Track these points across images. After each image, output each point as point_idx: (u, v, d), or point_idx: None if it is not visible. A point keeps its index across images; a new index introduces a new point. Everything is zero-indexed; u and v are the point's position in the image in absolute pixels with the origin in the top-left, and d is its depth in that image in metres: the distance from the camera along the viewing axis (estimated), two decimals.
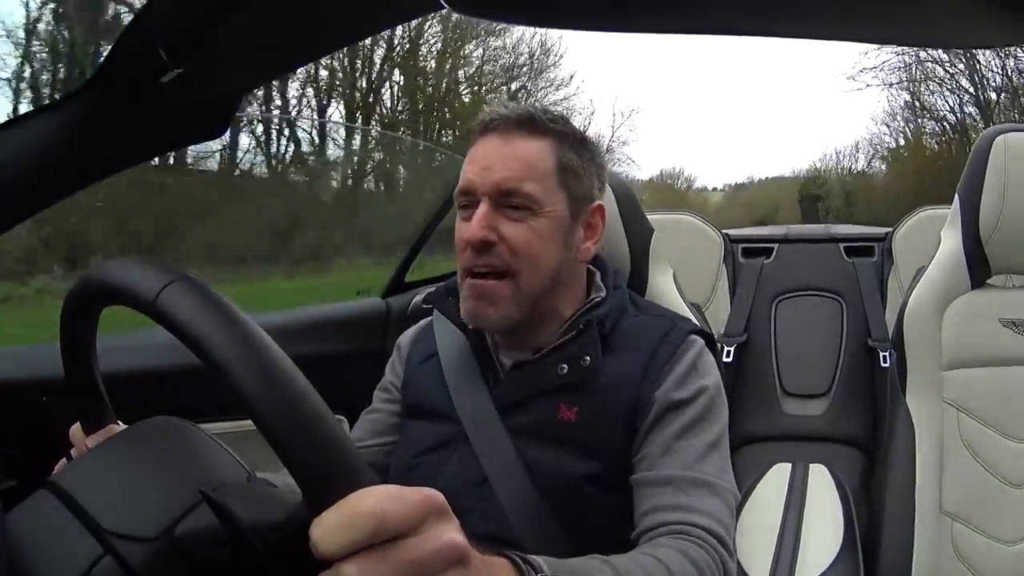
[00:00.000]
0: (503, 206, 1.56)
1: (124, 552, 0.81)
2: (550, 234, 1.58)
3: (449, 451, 1.62)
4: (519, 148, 1.58)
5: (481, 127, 1.63)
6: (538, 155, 1.58)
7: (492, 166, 1.56)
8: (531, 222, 1.56)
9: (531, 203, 1.56)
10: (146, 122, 1.33)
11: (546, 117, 1.61)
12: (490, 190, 1.55)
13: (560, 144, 1.61)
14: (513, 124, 1.60)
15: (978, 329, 2.05)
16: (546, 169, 1.58)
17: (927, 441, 2.02)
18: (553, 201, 1.58)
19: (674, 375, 1.57)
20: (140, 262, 0.88)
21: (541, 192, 1.56)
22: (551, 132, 1.60)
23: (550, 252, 1.59)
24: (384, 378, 1.88)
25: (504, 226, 1.55)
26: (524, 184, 1.55)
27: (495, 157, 1.57)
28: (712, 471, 1.49)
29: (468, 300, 1.59)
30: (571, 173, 1.61)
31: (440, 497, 0.77)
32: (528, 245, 1.56)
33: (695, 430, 1.53)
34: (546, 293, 1.60)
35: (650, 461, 1.51)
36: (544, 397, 1.58)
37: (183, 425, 1.00)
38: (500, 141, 1.59)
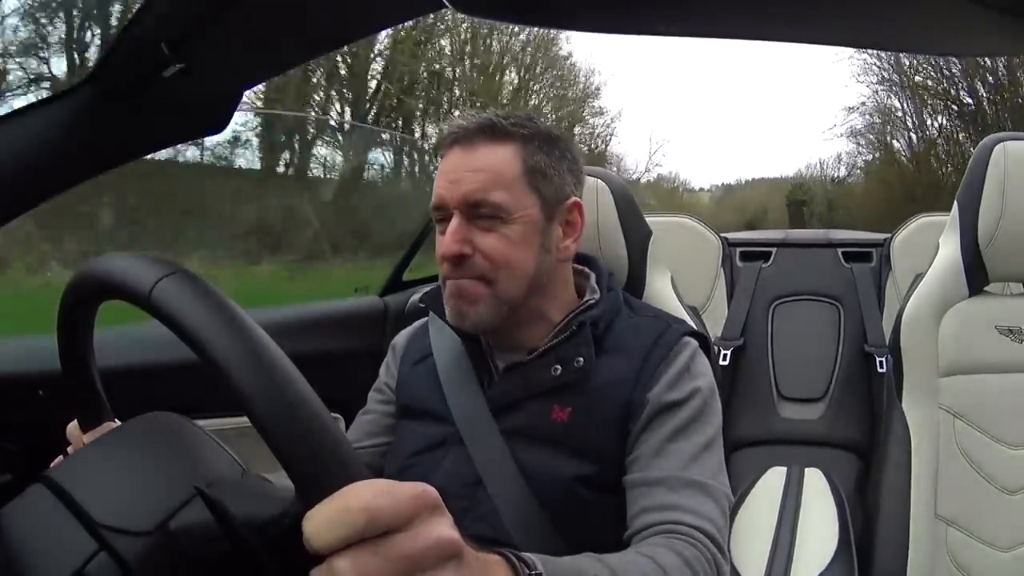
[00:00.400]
0: (474, 217, 1.56)
1: (118, 546, 0.81)
2: (524, 239, 1.58)
3: (443, 452, 1.62)
4: (483, 157, 1.58)
5: (447, 140, 1.63)
6: (503, 162, 1.58)
7: (459, 179, 1.57)
8: (503, 230, 1.56)
9: (500, 211, 1.56)
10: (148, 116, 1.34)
11: (508, 122, 1.60)
12: (459, 203, 1.56)
13: (526, 147, 1.60)
14: (475, 133, 1.60)
15: (975, 336, 2.05)
16: (512, 174, 1.58)
17: (923, 447, 2.03)
18: (523, 206, 1.58)
19: (667, 376, 1.57)
20: (136, 256, 0.88)
21: (509, 199, 1.56)
22: (515, 136, 1.60)
23: (526, 257, 1.59)
24: (379, 379, 1.88)
25: (477, 237, 1.56)
26: (491, 194, 1.55)
27: (461, 169, 1.58)
28: (705, 472, 1.49)
29: (449, 300, 1.60)
30: (539, 175, 1.61)
31: (433, 492, 0.76)
32: (502, 253, 1.56)
33: (688, 431, 1.53)
34: (527, 297, 1.61)
35: (643, 462, 1.51)
36: (537, 398, 1.58)
37: (178, 421, 1.00)
38: (464, 152, 1.59)
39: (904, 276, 3.55)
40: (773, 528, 2.05)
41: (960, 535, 1.98)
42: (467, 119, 1.62)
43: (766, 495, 2.28)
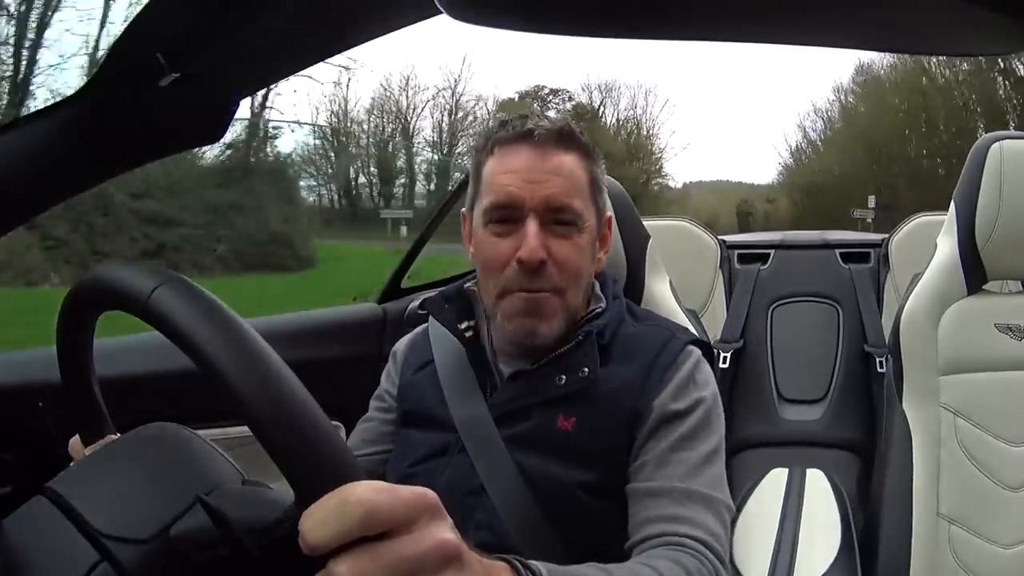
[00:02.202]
0: (550, 222, 1.55)
1: (119, 555, 0.81)
2: (588, 249, 1.60)
3: (446, 459, 1.61)
4: (560, 162, 1.57)
5: (516, 136, 1.59)
6: (577, 170, 1.59)
7: (539, 180, 1.54)
8: (576, 238, 1.57)
9: (578, 219, 1.56)
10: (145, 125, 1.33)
11: (576, 130, 1.61)
12: (538, 205, 1.54)
13: (587, 158, 1.62)
14: (553, 136, 1.57)
15: (974, 334, 2.05)
16: (584, 184, 1.59)
17: (924, 446, 2.03)
18: (589, 216, 1.60)
19: (672, 386, 1.57)
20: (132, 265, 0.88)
21: (584, 208, 1.57)
22: (581, 146, 1.61)
23: (587, 267, 1.61)
24: (380, 386, 1.87)
25: (553, 244, 1.55)
26: (573, 200, 1.55)
27: (539, 170, 1.55)
28: (707, 483, 1.49)
29: (518, 317, 1.58)
30: (598, 187, 1.63)
31: (433, 496, 0.75)
32: (574, 263, 1.57)
33: (691, 442, 1.53)
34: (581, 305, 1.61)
35: (646, 472, 1.51)
36: (542, 407, 1.58)
37: (178, 430, 1.00)
38: (538, 153, 1.56)
39: (902, 276, 3.55)
40: (775, 529, 2.04)
41: (962, 533, 1.98)
42: (544, 119, 1.59)
43: (768, 497, 2.27)
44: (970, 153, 2.12)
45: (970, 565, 1.96)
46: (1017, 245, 2.04)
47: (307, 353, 2.62)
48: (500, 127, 1.63)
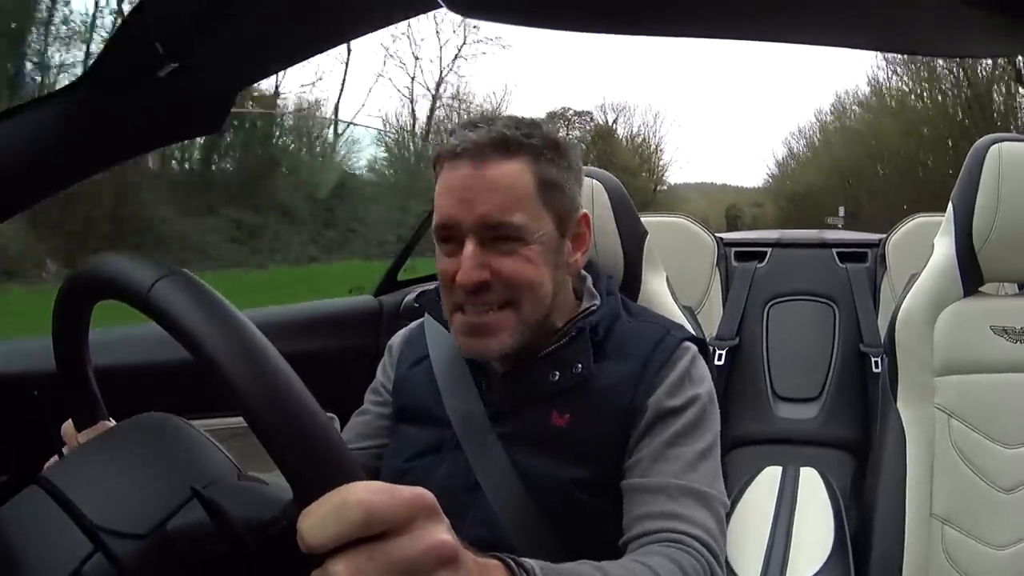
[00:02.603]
0: (491, 240, 1.50)
1: (115, 548, 0.81)
2: (543, 259, 1.54)
3: (440, 456, 1.61)
4: (497, 175, 1.50)
5: (451, 153, 1.53)
6: (518, 179, 1.51)
7: (472, 199, 1.49)
8: (523, 251, 1.51)
9: (520, 233, 1.50)
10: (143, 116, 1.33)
11: (520, 132, 1.52)
12: (475, 225, 1.49)
13: (537, 160, 1.53)
14: (486, 147, 1.50)
15: (970, 336, 2.06)
16: (528, 193, 1.51)
17: (918, 446, 2.03)
18: (541, 225, 1.53)
19: (667, 383, 1.57)
20: (133, 257, 0.88)
21: (528, 219, 1.50)
22: (526, 149, 1.52)
23: (546, 277, 1.55)
24: (375, 380, 1.87)
25: (495, 261, 1.50)
26: (510, 215, 1.49)
27: (473, 188, 1.49)
28: (702, 480, 1.49)
29: (464, 336, 1.55)
30: (553, 190, 1.55)
31: (430, 496, 0.75)
32: (524, 277, 1.51)
33: (687, 438, 1.52)
34: (546, 314, 1.58)
35: (641, 468, 1.50)
36: (536, 403, 1.58)
37: (174, 421, 1.00)
38: (474, 168, 1.50)
39: (899, 276, 3.55)
40: (769, 527, 2.05)
41: (956, 534, 1.98)
42: (475, 131, 1.52)
43: (762, 494, 2.27)
44: (969, 154, 2.12)
45: (963, 566, 1.97)
46: (1014, 247, 2.04)
47: (303, 345, 2.62)
48: (448, 137, 1.57)
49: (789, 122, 60.63)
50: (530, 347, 1.60)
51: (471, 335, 1.54)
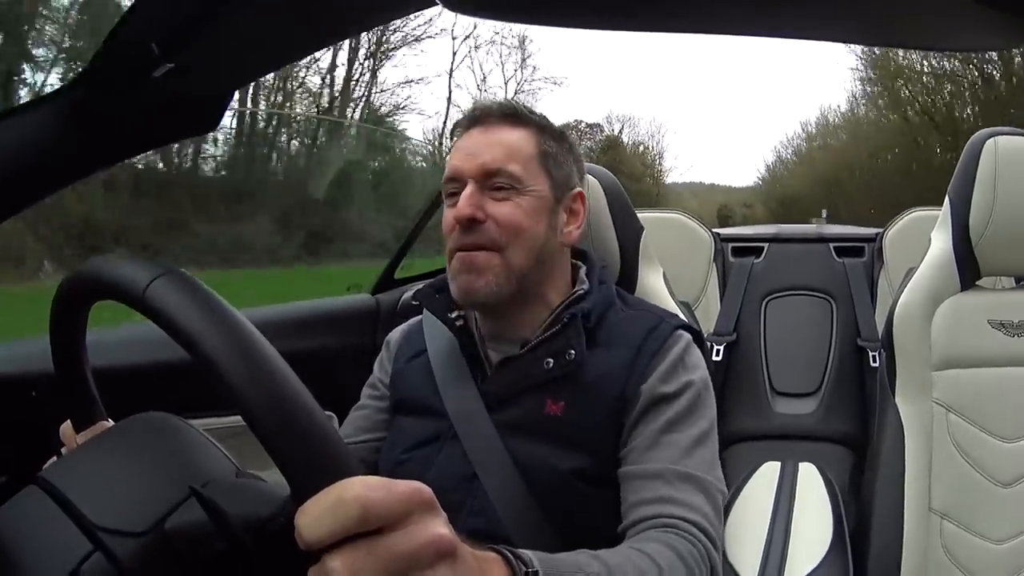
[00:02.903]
0: (488, 187, 1.60)
1: (113, 547, 0.81)
2: (535, 211, 1.62)
3: (438, 447, 1.62)
4: (502, 135, 1.64)
5: (467, 121, 1.69)
6: (519, 141, 1.64)
7: (477, 152, 1.62)
8: (516, 199, 1.60)
9: (515, 182, 1.60)
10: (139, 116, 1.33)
11: (527, 109, 1.68)
12: (475, 172, 1.60)
13: (540, 134, 1.67)
14: (496, 116, 1.66)
15: (967, 330, 2.06)
16: (528, 153, 1.64)
17: (916, 440, 2.03)
18: (535, 182, 1.63)
19: (660, 369, 1.58)
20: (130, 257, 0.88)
21: (523, 172, 1.61)
22: (531, 123, 1.67)
23: (536, 228, 1.62)
24: (373, 375, 1.88)
25: (490, 205, 1.59)
26: (508, 165, 1.60)
27: (479, 145, 1.63)
28: (699, 465, 1.49)
29: (458, 276, 1.61)
30: (551, 159, 1.66)
31: (428, 491, 0.76)
32: (514, 220, 1.59)
33: (681, 424, 1.53)
34: (533, 271, 1.62)
35: (637, 455, 1.51)
36: (531, 392, 1.59)
37: (172, 420, 1.00)
38: (482, 131, 1.65)
39: (896, 270, 3.55)
40: (768, 523, 2.05)
41: (954, 528, 1.98)
42: (491, 102, 1.68)
43: (760, 490, 2.28)
44: (965, 149, 2.12)
45: (961, 560, 1.97)
46: (1011, 242, 2.05)
47: (300, 343, 2.62)
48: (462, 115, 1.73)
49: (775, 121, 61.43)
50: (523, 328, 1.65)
51: (462, 272, 1.61)
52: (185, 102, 1.36)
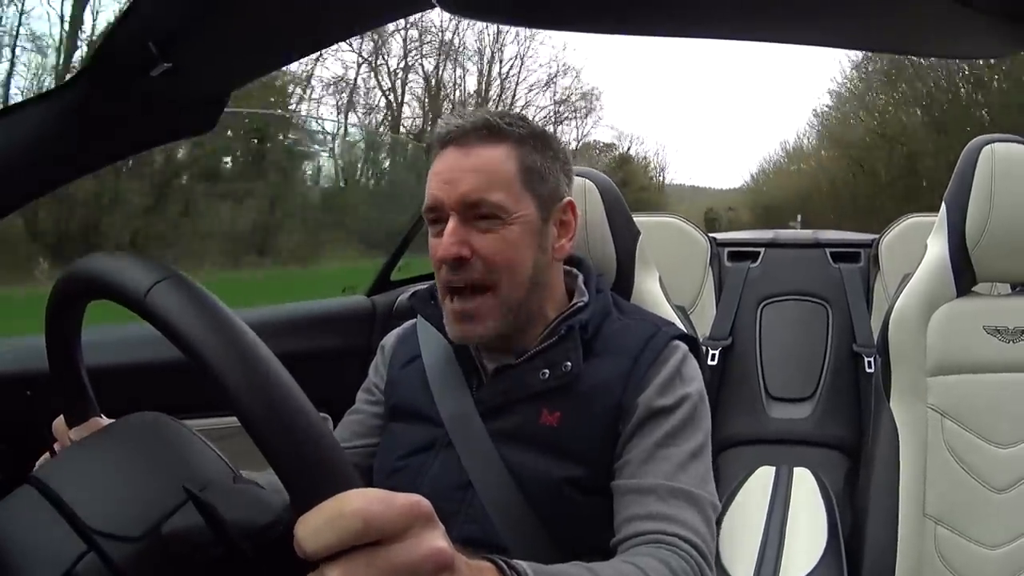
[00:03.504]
0: (472, 218, 1.55)
1: (109, 551, 0.81)
2: (523, 240, 1.58)
3: (432, 454, 1.61)
4: (480, 157, 1.57)
5: (440, 140, 1.61)
6: (500, 162, 1.57)
7: (455, 179, 1.55)
8: (502, 231, 1.55)
9: (499, 212, 1.55)
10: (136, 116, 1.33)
11: (504, 121, 1.59)
12: (456, 204, 1.54)
13: (521, 147, 1.60)
14: (471, 133, 1.58)
15: (963, 336, 2.06)
16: (509, 175, 1.57)
17: (911, 446, 2.03)
18: (521, 207, 1.57)
19: (657, 381, 1.57)
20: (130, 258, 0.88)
21: (508, 199, 1.55)
22: (510, 136, 1.59)
23: (525, 258, 1.58)
24: (368, 379, 1.87)
25: (476, 239, 1.54)
26: (490, 194, 1.54)
27: (457, 170, 1.56)
28: (693, 481, 1.49)
29: (452, 324, 1.59)
30: (535, 175, 1.60)
31: (427, 504, 0.76)
32: (502, 255, 1.55)
33: (677, 438, 1.53)
34: (528, 297, 1.60)
35: (632, 468, 1.51)
36: (526, 402, 1.58)
37: (168, 421, 0.99)
38: (460, 152, 1.57)
39: (892, 276, 3.56)
40: (762, 527, 2.05)
41: (948, 534, 1.98)
42: (462, 118, 1.59)
43: (755, 495, 2.28)
44: (962, 155, 2.12)
45: (956, 566, 1.97)
46: (1007, 248, 2.05)
47: (296, 345, 2.61)
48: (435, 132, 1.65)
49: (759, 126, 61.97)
50: (521, 341, 1.63)
51: (459, 321, 1.58)
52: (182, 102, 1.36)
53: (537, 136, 1.63)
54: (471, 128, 1.57)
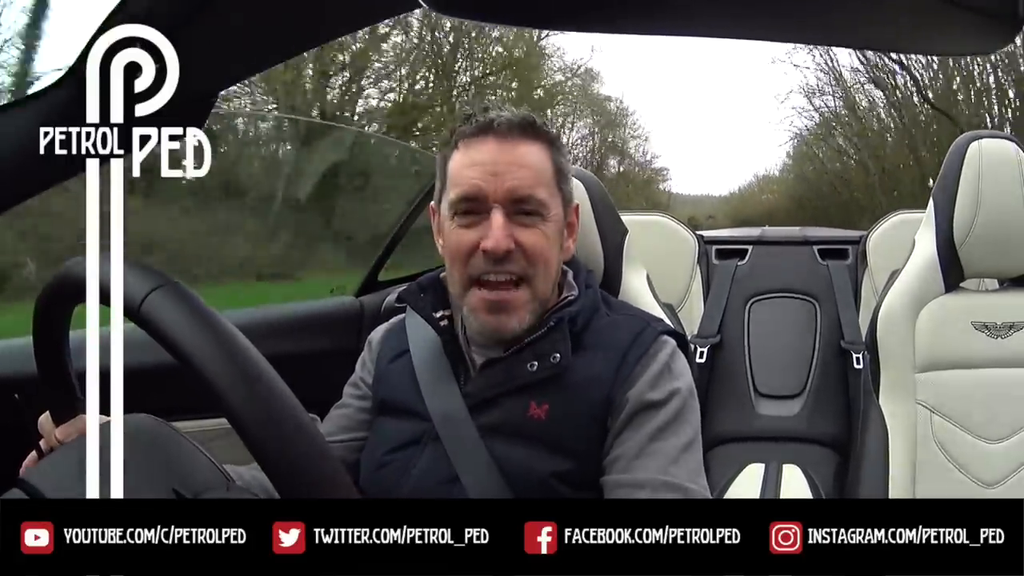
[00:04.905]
0: (515, 212, 1.57)
1: None
2: (555, 238, 1.61)
3: (420, 449, 1.61)
4: (524, 153, 1.59)
5: (478, 129, 1.61)
6: (541, 160, 1.60)
7: (501, 172, 1.56)
8: (542, 227, 1.58)
9: (542, 209, 1.58)
10: None
11: (541, 121, 1.63)
12: (503, 197, 1.56)
13: (552, 147, 1.63)
14: (516, 128, 1.59)
15: (951, 332, 2.07)
16: (549, 174, 1.61)
17: (900, 442, 2.04)
18: (555, 205, 1.61)
19: (647, 376, 1.57)
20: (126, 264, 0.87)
21: (548, 197, 1.59)
22: (545, 136, 1.62)
23: (555, 256, 1.62)
24: (355, 373, 1.87)
25: (520, 233, 1.56)
26: (537, 190, 1.57)
27: (502, 162, 1.57)
28: (685, 475, 1.50)
29: (484, 313, 1.59)
30: (563, 176, 1.64)
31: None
32: (542, 251, 1.58)
33: (668, 433, 1.53)
34: (549, 296, 1.63)
35: (624, 463, 1.51)
36: (514, 394, 1.58)
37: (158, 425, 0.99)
38: (501, 145, 1.58)
39: (880, 273, 3.55)
40: None
41: None
42: (504, 110, 1.61)
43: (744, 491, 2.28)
44: (949, 152, 2.13)
45: None
46: (995, 244, 2.05)
47: (283, 345, 2.61)
48: (464, 122, 1.64)
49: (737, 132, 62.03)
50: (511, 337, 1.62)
51: (492, 312, 1.59)
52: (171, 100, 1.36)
53: (557, 139, 1.66)
54: (517, 122, 1.59)
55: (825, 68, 29.64)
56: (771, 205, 41.95)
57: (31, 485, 0.88)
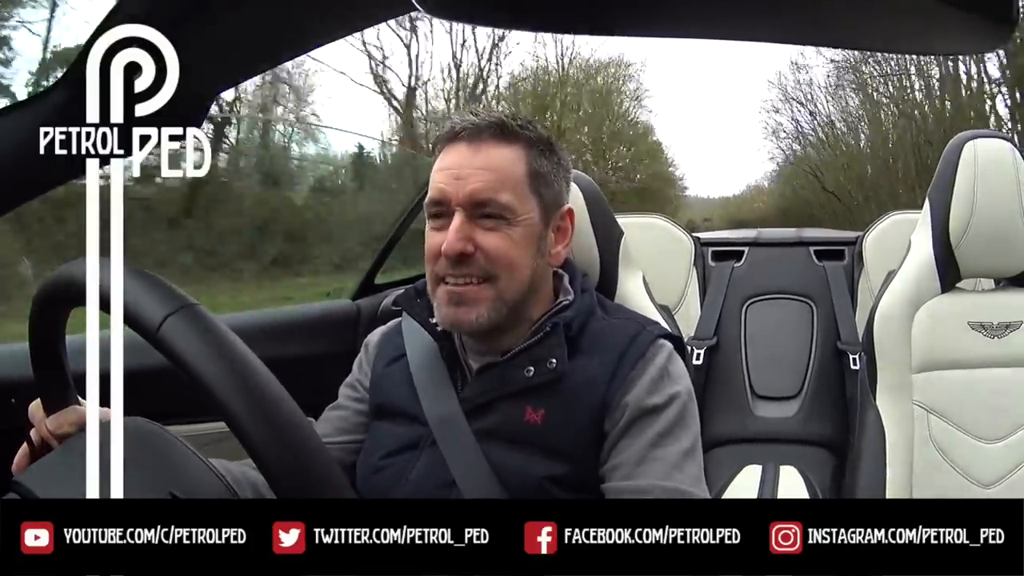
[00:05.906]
0: (477, 216, 1.56)
1: None
2: (525, 241, 1.59)
3: (416, 453, 1.61)
4: (491, 156, 1.58)
5: (449, 135, 1.61)
6: (510, 163, 1.59)
7: (465, 176, 1.56)
8: (506, 230, 1.57)
9: (505, 212, 1.56)
10: None
11: (516, 123, 1.61)
12: (463, 200, 1.55)
13: (530, 150, 1.62)
14: (484, 131, 1.59)
15: (948, 332, 2.07)
16: (518, 177, 1.59)
17: (897, 443, 2.04)
18: (526, 209, 1.59)
19: (645, 380, 1.57)
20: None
21: (515, 201, 1.57)
22: (521, 138, 1.61)
23: (525, 259, 1.60)
24: (351, 375, 1.86)
25: (480, 236, 1.56)
26: (499, 194, 1.56)
27: (467, 166, 1.57)
28: (687, 480, 1.50)
29: (445, 307, 1.59)
30: (542, 179, 1.62)
31: None
32: (505, 254, 1.56)
33: (669, 438, 1.53)
34: (523, 298, 1.61)
35: (625, 470, 1.51)
36: (511, 399, 1.59)
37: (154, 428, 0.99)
38: (470, 149, 1.58)
39: (877, 274, 3.55)
40: None
41: None
42: (477, 115, 1.61)
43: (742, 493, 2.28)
44: (944, 152, 2.13)
45: None
46: (991, 244, 2.06)
47: (280, 349, 2.60)
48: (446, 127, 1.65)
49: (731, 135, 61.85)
50: (507, 341, 1.63)
51: (451, 304, 1.58)
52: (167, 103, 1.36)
53: (544, 141, 1.65)
54: (485, 126, 1.59)
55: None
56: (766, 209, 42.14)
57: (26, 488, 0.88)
